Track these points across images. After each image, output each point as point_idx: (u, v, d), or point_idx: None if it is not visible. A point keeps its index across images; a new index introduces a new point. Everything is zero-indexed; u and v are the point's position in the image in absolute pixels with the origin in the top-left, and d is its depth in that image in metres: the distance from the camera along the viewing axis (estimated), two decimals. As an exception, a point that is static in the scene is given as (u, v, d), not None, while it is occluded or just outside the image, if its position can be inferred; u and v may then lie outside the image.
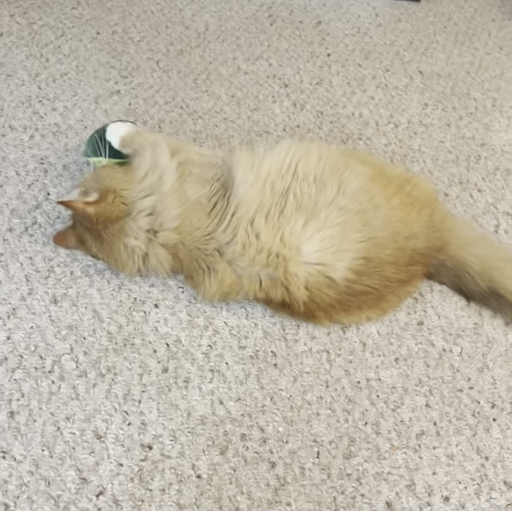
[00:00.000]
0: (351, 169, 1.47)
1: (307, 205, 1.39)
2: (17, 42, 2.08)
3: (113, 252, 1.42)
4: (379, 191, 1.46)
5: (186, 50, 2.18)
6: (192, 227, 1.38)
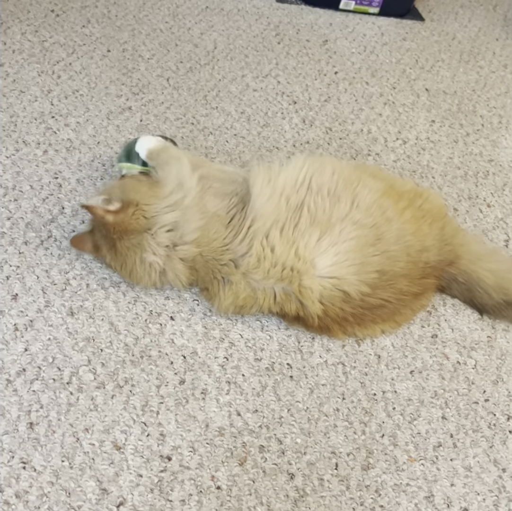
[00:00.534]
0: (364, 183, 1.49)
1: (321, 219, 1.41)
2: (28, 59, 2.10)
3: (127, 265, 1.43)
4: (391, 205, 1.48)
5: (196, 67, 2.20)
6: (210, 238, 1.39)
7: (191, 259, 1.41)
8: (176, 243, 1.40)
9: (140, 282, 1.45)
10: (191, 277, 1.44)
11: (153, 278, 1.43)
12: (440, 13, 2.80)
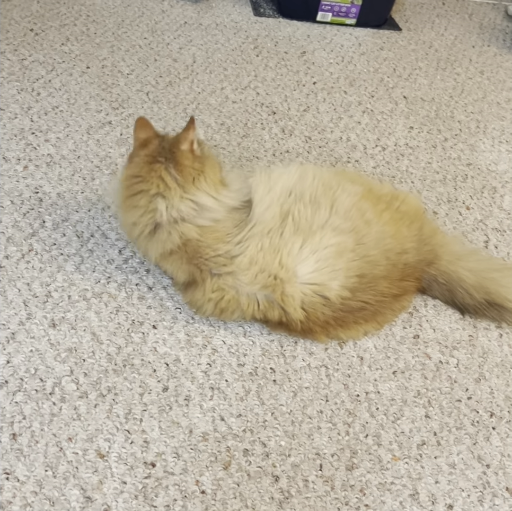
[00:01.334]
0: (343, 188, 1.50)
1: (304, 227, 1.43)
2: (8, 78, 2.11)
3: (144, 190, 1.42)
4: (370, 207, 1.50)
5: (175, 81, 2.22)
6: (217, 230, 1.41)
7: (188, 239, 1.40)
8: (187, 220, 1.40)
9: (135, 211, 1.43)
10: (176, 253, 1.42)
11: (146, 220, 1.41)
12: (416, 22, 2.84)
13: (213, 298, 1.42)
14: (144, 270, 1.59)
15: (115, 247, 1.63)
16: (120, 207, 1.47)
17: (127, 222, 1.45)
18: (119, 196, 1.47)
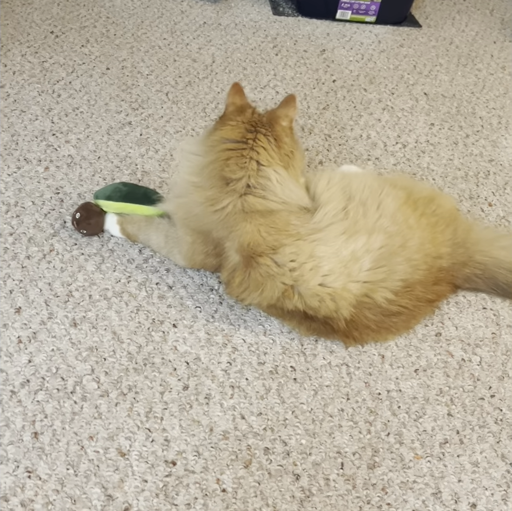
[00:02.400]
0: (387, 191, 1.52)
1: (359, 226, 1.44)
2: (29, 80, 2.13)
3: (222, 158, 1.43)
4: (412, 212, 1.50)
5: (194, 81, 2.22)
6: (283, 218, 1.42)
7: (254, 210, 1.40)
8: (254, 193, 1.40)
9: (209, 162, 1.43)
10: (236, 224, 1.41)
11: (238, 181, 1.41)
12: (437, 19, 2.82)
13: (267, 290, 1.41)
14: (164, 269, 1.60)
15: (135, 247, 1.64)
16: (201, 168, 1.46)
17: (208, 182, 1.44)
18: (200, 157, 1.46)
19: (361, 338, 1.46)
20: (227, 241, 1.42)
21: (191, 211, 1.45)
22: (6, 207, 1.70)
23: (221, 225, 1.41)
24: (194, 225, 1.46)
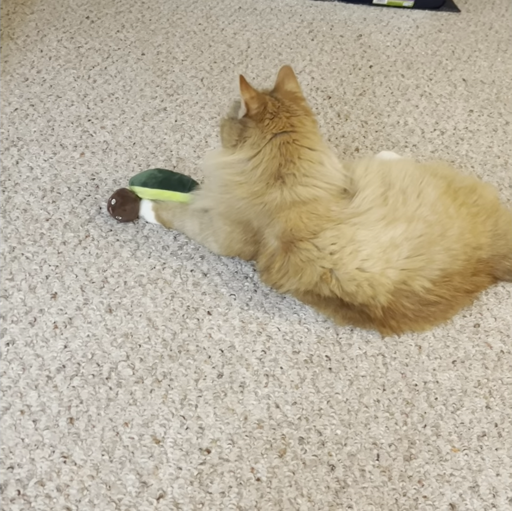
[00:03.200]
0: (427, 180, 1.50)
1: (398, 214, 1.42)
2: (65, 65, 2.13)
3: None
4: (452, 202, 1.48)
5: (229, 67, 2.21)
6: (323, 203, 1.41)
7: (300, 200, 1.39)
8: (303, 183, 1.40)
9: (261, 161, 1.41)
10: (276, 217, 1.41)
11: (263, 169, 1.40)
12: (476, 3, 2.76)
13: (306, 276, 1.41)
14: (199, 256, 1.59)
15: (170, 234, 1.63)
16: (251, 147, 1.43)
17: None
18: (245, 160, 1.43)
19: (398, 327, 1.44)
20: (268, 228, 1.41)
21: (234, 205, 1.44)
22: (42, 192, 1.70)
23: (264, 214, 1.40)
24: (235, 217, 1.45)
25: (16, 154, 1.80)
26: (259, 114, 1.41)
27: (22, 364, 1.35)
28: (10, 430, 1.25)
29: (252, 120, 1.41)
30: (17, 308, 1.45)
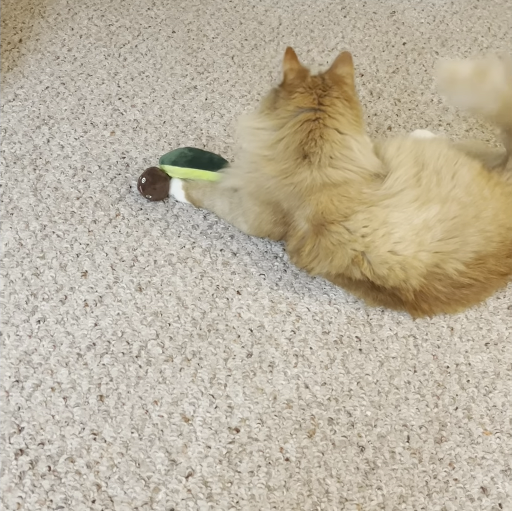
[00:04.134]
0: (462, 161, 1.47)
1: (432, 195, 1.40)
2: (95, 43, 2.12)
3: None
4: (486, 183, 1.45)
5: (260, 44, 2.18)
6: (355, 187, 1.39)
7: (330, 184, 1.38)
8: (334, 165, 1.38)
9: (286, 135, 1.40)
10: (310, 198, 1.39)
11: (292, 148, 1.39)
12: (513, -22, 2.69)
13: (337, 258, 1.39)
14: (229, 235, 1.58)
15: (199, 213, 1.63)
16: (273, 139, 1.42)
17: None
18: (270, 130, 1.43)
19: (429, 310, 1.42)
20: (298, 210, 1.39)
21: (263, 184, 1.42)
22: (73, 171, 1.71)
23: (294, 196, 1.39)
24: (265, 197, 1.44)
25: (47, 133, 1.80)
26: (292, 86, 1.40)
27: (53, 341, 1.36)
28: (40, 406, 1.26)
29: (284, 91, 1.41)
30: (48, 286, 1.45)
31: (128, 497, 1.16)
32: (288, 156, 1.38)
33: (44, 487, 1.16)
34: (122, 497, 1.16)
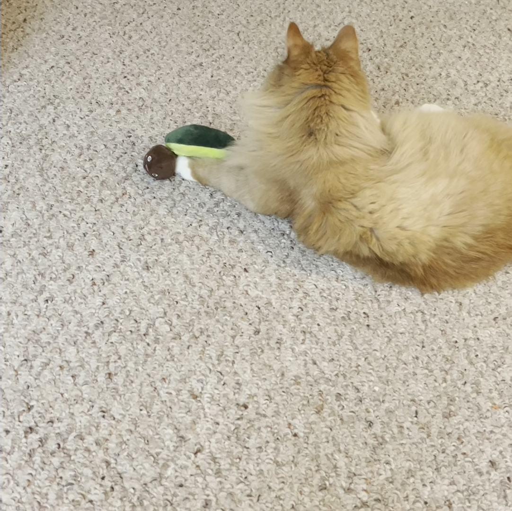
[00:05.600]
0: (471, 134, 1.46)
1: (439, 170, 1.39)
2: (100, 22, 2.11)
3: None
4: (496, 156, 1.44)
5: (266, 20, 2.16)
6: (362, 158, 1.39)
7: (337, 161, 1.37)
8: (340, 142, 1.37)
9: (292, 112, 1.39)
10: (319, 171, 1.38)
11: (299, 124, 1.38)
12: (523, -51, 2.64)
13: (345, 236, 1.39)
14: (235, 213, 1.58)
15: (206, 191, 1.62)
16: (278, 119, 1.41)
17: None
18: (275, 107, 1.42)
19: (438, 285, 1.41)
20: (304, 188, 1.39)
21: (269, 163, 1.41)
22: (79, 150, 1.70)
23: (300, 174, 1.38)
24: (271, 175, 1.43)
25: (52, 112, 1.80)
26: (296, 62, 1.39)
27: (61, 320, 1.37)
28: (49, 385, 1.27)
29: (289, 67, 1.40)
30: (55, 265, 1.46)
31: (137, 473, 1.17)
32: (294, 133, 1.37)
33: (54, 464, 1.17)
34: (131, 474, 1.17)
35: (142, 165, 1.63)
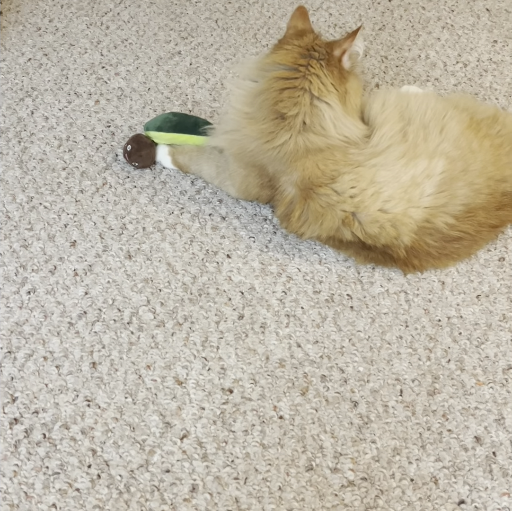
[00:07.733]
0: (451, 114, 1.46)
1: (419, 151, 1.39)
2: (77, 13, 2.10)
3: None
4: (475, 136, 1.44)
5: (244, 7, 2.15)
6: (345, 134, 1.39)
7: (314, 149, 1.37)
8: (314, 131, 1.37)
9: (262, 90, 1.39)
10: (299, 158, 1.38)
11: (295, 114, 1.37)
12: None
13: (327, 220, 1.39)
14: (217, 200, 1.57)
15: (187, 178, 1.62)
16: (251, 94, 1.42)
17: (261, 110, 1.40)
18: (253, 82, 1.43)
19: (420, 265, 1.42)
20: (284, 176, 1.39)
21: (246, 147, 1.41)
22: (58, 141, 1.69)
23: (279, 161, 1.38)
24: (249, 159, 1.43)
25: (31, 105, 1.79)
26: (284, 42, 1.40)
27: (44, 311, 1.36)
28: (34, 376, 1.27)
29: (277, 44, 1.41)
30: (37, 257, 1.45)
31: (123, 460, 1.17)
32: (266, 115, 1.37)
33: (40, 454, 1.17)
34: (118, 461, 1.17)
35: (122, 154, 1.62)
